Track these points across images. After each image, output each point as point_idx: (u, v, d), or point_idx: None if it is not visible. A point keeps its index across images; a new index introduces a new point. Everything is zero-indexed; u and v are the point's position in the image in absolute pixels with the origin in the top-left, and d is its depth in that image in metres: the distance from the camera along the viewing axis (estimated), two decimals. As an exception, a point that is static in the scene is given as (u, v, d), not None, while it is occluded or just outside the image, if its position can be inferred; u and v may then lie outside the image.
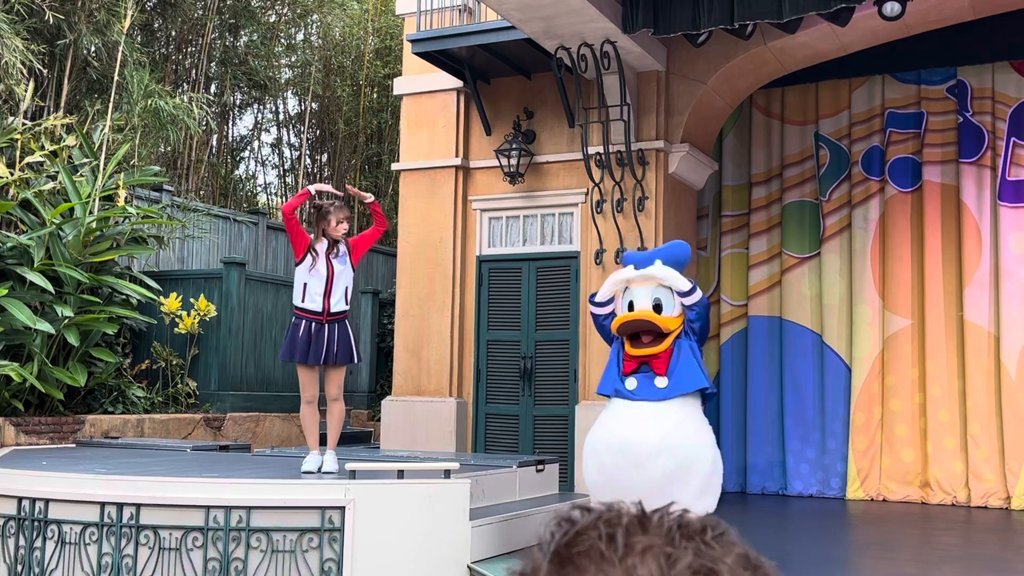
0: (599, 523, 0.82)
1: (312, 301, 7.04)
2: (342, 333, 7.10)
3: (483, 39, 10.10)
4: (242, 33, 17.31)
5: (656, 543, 0.80)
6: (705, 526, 0.83)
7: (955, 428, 10.44)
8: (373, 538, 6.18)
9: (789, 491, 11.05)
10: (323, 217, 7.16)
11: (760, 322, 11.39)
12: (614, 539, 0.80)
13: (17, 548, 6.68)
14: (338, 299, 7.10)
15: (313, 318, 7.04)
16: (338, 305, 7.10)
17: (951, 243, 10.69)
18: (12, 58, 9.82)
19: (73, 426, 9.57)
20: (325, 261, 7.08)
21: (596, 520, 0.82)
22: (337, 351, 7.05)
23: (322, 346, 7.01)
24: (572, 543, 0.81)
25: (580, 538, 0.81)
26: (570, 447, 10.14)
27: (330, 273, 7.06)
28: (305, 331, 7.01)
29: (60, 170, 9.92)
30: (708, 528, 0.83)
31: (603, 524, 0.82)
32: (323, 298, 7.04)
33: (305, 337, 7.00)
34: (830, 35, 9.63)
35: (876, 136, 11.20)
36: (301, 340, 7.00)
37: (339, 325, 7.10)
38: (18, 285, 9.45)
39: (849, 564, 7.29)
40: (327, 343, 7.01)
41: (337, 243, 7.15)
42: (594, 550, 0.80)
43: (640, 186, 10.08)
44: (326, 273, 7.04)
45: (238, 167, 19.83)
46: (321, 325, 7.04)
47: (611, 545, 0.80)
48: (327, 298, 7.05)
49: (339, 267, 7.12)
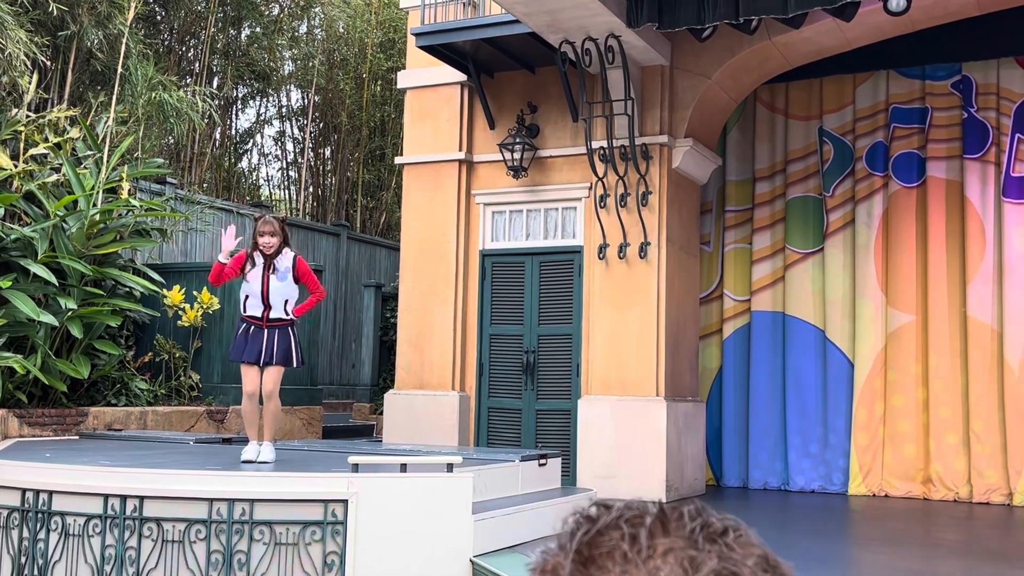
0: (621, 522, 0.82)
1: (253, 309, 7.41)
2: (281, 337, 7.41)
3: (487, 33, 10.09)
4: (244, 26, 17.29)
5: (679, 545, 0.80)
6: (727, 528, 0.83)
7: (957, 424, 10.44)
8: (376, 531, 6.19)
9: (791, 486, 11.06)
10: (254, 233, 7.51)
11: (763, 317, 11.39)
12: (637, 540, 0.80)
13: (21, 540, 6.69)
14: (277, 311, 7.41)
15: (253, 322, 7.41)
16: (277, 314, 7.42)
17: (955, 239, 10.68)
18: (16, 50, 9.81)
19: (76, 418, 9.58)
20: (262, 276, 7.38)
21: (618, 519, 0.82)
22: (273, 352, 7.35)
23: (258, 347, 7.34)
24: (594, 543, 0.81)
25: (602, 538, 0.81)
26: (573, 441, 10.15)
27: (264, 288, 7.36)
28: (243, 332, 7.41)
29: (64, 162, 9.91)
30: (730, 530, 0.83)
31: (625, 524, 0.82)
32: (262, 309, 7.39)
33: (243, 338, 7.38)
34: (835, 30, 9.61)
35: (880, 131, 11.18)
36: (239, 340, 7.41)
37: (279, 330, 7.42)
38: (22, 277, 9.46)
39: (851, 560, 7.30)
40: (265, 344, 7.34)
41: (275, 258, 7.40)
42: (617, 551, 0.80)
43: (644, 181, 10.07)
44: (260, 289, 7.36)
45: (241, 160, 19.83)
46: (260, 329, 7.38)
47: (634, 546, 0.80)
48: (266, 310, 7.39)
49: (276, 283, 7.40)
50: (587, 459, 9.87)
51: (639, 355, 9.93)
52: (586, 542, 0.82)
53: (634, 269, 10.06)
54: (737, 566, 0.80)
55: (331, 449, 8.65)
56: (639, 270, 10.04)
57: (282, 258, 7.43)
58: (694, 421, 10.50)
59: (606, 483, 9.63)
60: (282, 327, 7.41)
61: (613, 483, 9.67)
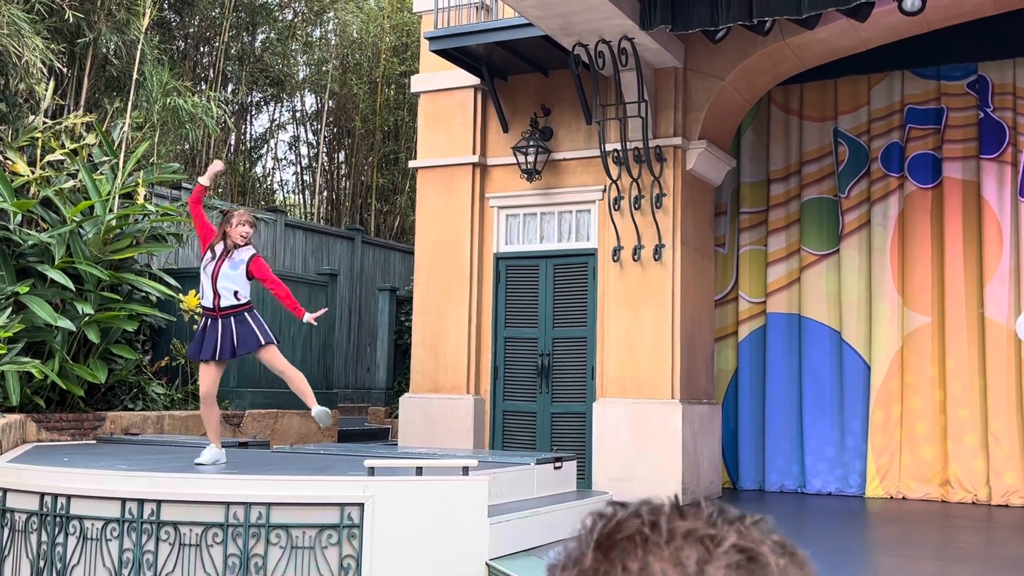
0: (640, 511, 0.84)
1: (205, 300, 7.38)
2: (238, 323, 7.33)
3: (500, 36, 10.10)
4: (259, 31, 17.36)
5: (699, 526, 0.82)
6: (743, 514, 0.85)
7: (976, 425, 10.37)
8: (392, 534, 6.20)
9: (808, 489, 11.01)
10: (227, 220, 7.49)
11: (778, 319, 11.35)
12: (657, 525, 0.82)
13: (39, 544, 6.73)
14: (227, 299, 7.33)
15: (208, 314, 7.38)
16: (227, 301, 7.34)
17: (971, 240, 10.62)
18: (33, 57, 9.88)
19: (93, 423, 9.63)
20: (215, 264, 7.35)
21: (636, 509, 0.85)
22: (230, 344, 7.30)
23: (213, 341, 7.30)
24: (615, 531, 0.83)
25: (622, 526, 0.83)
26: (588, 444, 10.13)
27: (215, 273, 7.33)
28: (201, 328, 7.38)
29: (80, 168, 9.97)
30: (746, 515, 0.85)
31: (645, 512, 0.84)
32: (212, 298, 7.34)
33: (200, 333, 7.36)
34: (849, 31, 9.58)
35: (896, 132, 11.13)
36: (198, 336, 7.38)
37: (234, 318, 7.33)
38: (39, 283, 9.52)
39: (868, 562, 7.26)
40: (220, 337, 7.29)
41: (235, 247, 7.39)
42: (639, 535, 0.82)
43: (658, 183, 10.05)
44: (211, 272, 7.33)
45: (256, 165, 19.90)
46: (215, 321, 7.33)
47: (655, 530, 0.82)
48: (216, 298, 7.33)
49: (227, 270, 7.36)
50: (602, 462, 9.86)
51: (654, 358, 9.91)
52: (606, 532, 0.83)
53: (648, 271, 10.04)
54: (756, 544, 0.82)
55: (347, 453, 8.66)
56: (653, 272, 10.02)
57: (241, 251, 7.46)
58: (710, 424, 10.47)
59: (622, 486, 9.62)
60: (237, 313, 7.35)
61: (629, 486, 9.65)
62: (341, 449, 9.17)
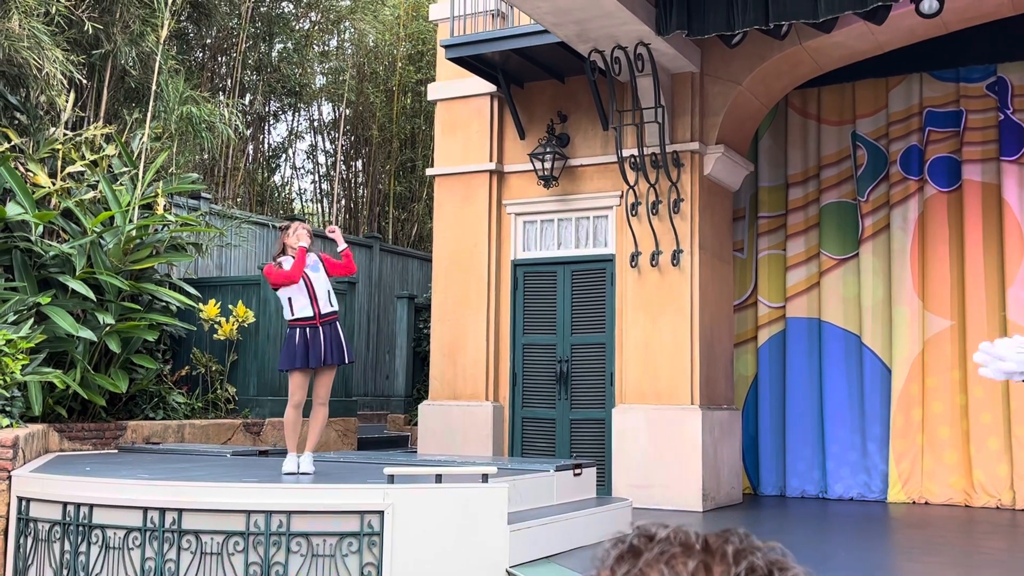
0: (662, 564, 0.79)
1: (302, 310, 7.40)
2: (335, 335, 7.44)
3: (516, 43, 10.11)
4: (276, 41, 17.46)
5: None
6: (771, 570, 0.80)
7: (999, 429, 10.28)
8: (412, 542, 6.20)
9: (829, 494, 10.95)
10: (284, 231, 7.62)
11: (798, 324, 11.30)
12: None
13: (63, 553, 6.77)
14: (325, 301, 7.44)
15: (307, 324, 7.39)
16: (327, 307, 7.45)
17: (992, 243, 10.54)
18: (53, 69, 9.97)
19: (115, 432, 9.69)
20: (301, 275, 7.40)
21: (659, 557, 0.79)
22: (332, 352, 7.39)
23: (319, 349, 7.35)
24: None
25: None
26: (607, 451, 10.11)
27: (308, 282, 7.41)
28: (301, 338, 7.36)
29: (100, 179, 10.05)
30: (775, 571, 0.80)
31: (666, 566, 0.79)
32: (311, 304, 7.39)
33: (302, 344, 7.35)
34: (866, 34, 9.54)
35: (914, 135, 11.07)
36: (299, 347, 7.35)
37: (331, 327, 7.45)
38: (60, 293, 9.59)
39: (891, 568, 7.20)
40: (323, 345, 7.35)
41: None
42: None
43: (675, 188, 10.03)
44: (305, 284, 7.39)
45: (274, 174, 20.00)
46: (316, 329, 7.38)
47: None
48: (315, 304, 7.39)
49: (312, 274, 7.45)
50: (622, 468, 9.83)
51: (673, 363, 9.88)
52: None
53: (667, 277, 10.02)
54: None
55: (366, 460, 8.67)
56: (672, 278, 10.00)
57: (308, 256, 7.56)
58: (730, 429, 10.42)
59: (642, 492, 9.59)
60: (334, 321, 7.48)
61: (649, 492, 9.62)
62: (361, 457, 9.18)
